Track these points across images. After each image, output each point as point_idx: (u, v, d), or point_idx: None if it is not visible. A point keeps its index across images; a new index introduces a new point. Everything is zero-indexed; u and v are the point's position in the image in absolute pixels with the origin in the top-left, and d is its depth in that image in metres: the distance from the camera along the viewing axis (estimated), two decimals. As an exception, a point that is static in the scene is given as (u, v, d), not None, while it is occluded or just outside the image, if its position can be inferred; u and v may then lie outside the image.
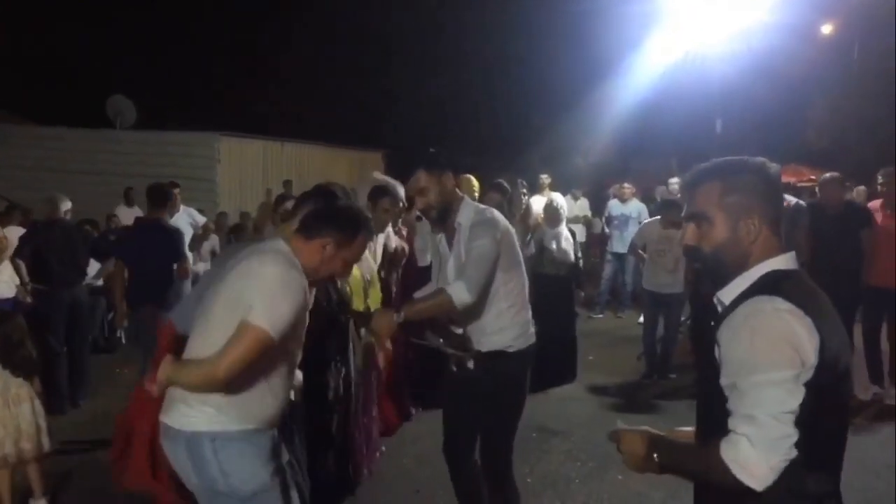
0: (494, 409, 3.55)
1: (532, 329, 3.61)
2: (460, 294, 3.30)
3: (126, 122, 16.32)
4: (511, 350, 3.50)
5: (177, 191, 8.91)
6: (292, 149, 16.94)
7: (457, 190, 3.61)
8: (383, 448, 5.46)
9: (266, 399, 2.68)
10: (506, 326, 3.50)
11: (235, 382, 2.57)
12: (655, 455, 1.98)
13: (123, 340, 9.04)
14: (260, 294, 2.55)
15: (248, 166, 15.37)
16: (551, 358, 3.73)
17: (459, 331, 3.54)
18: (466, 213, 3.51)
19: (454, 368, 3.62)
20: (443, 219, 3.55)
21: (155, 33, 24.08)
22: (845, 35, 22.24)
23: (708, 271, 2.00)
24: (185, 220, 8.89)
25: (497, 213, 3.57)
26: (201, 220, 9.23)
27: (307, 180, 13.66)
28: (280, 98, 24.24)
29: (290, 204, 6.95)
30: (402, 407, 6.14)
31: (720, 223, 1.93)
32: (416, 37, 24.66)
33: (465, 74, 24.22)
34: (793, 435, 1.72)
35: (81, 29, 23.31)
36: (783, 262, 1.92)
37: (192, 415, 2.62)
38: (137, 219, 7.68)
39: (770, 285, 1.85)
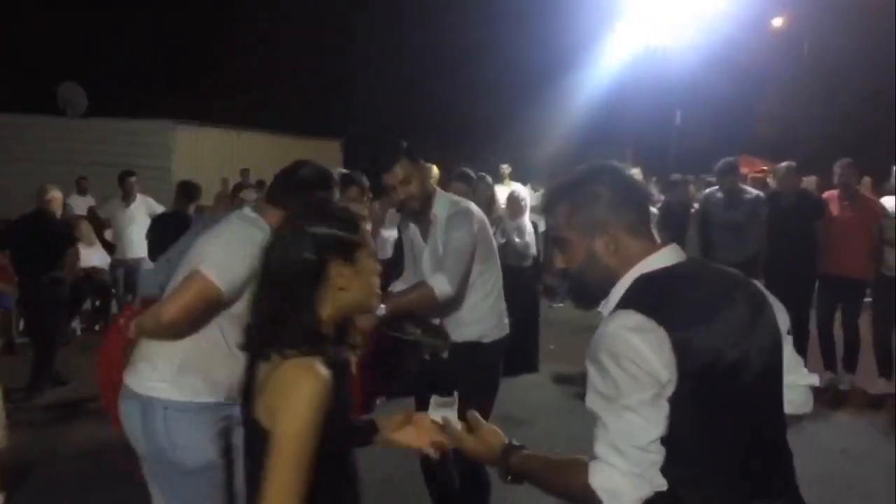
0: (468, 399, 3.54)
1: (506, 320, 3.64)
2: (442, 286, 3.29)
3: (77, 110, 15.95)
4: (486, 340, 3.52)
5: (133, 179, 8.77)
6: (248, 138, 16.76)
7: (429, 181, 3.60)
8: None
9: (227, 363, 2.62)
10: (482, 317, 3.51)
11: (192, 337, 2.56)
12: (511, 457, 1.93)
13: (78, 332, 8.88)
14: (213, 246, 2.57)
15: (203, 155, 15.14)
16: (514, 348, 3.73)
17: (436, 321, 3.53)
18: (442, 204, 3.50)
19: (427, 358, 3.61)
20: (424, 210, 3.52)
21: (106, 18, 23.54)
22: (795, 29, 22.67)
23: (578, 292, 1.92)
24: (143, 209, 8.76)
25: (472, 205, 3.57)
26: (159, 209, 9.07)
27: (264, 170, 13.51)
28: (236, 86, 23.90)
29: (248, 192, 6.91)
30: (366, 396, 6.10)
31: (576, 243, 1.83)
32: (376, 24, 24.53)
33: (425, 63, 24.16)
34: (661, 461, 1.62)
35: (30, 14, 22.71)
36: (653, 262, 1.78)
37: (151, 378, 2.60)
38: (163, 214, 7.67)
39: (629, 296, 1.74)
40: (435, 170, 6.08)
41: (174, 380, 2.59)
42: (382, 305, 3.30)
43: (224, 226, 2.68)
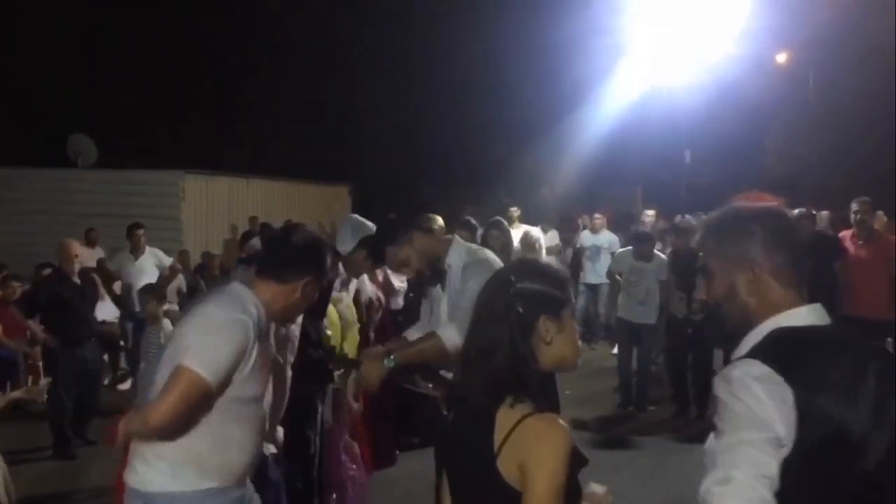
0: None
1: None
2: (452, 337, 3.18)
3: (87, 161, 16.03)
4: None
5: (140, 231, 8.76)
6: (258, 185, 16.76)
7: (438, 237, 3.53)
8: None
9: (229, 452, 2.53)
10: None
11: (187, 433, 2.43)
12: None
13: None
14: (195, 336, 2.44)
15: (213, 204, 15.14)
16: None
17: (450, 375, 3.42)
18: (457, 253, 3.41)
19: (445, 412, 3.49)
20: (437, 273, 3.45)
21: (115, 71, 23.83)
22: (799, 64, 22.73)
23: (719, 327, 1.94)
24: (151, 261, 8.72)
25: (490, 253, 3.48)
26: (167, 260, 9.04)
27: (273, 216, 13.51)
28: (244, 134, 24.06)
29: (256, 241, 6.86)
30: (387, 450, 5.99)
31: (720, 275, 1.82)
32: (381, 68, 24.72)
33: (431, 105, 24.28)
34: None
35: (40, 68, 23.00)
36: (795, 317, 1.73)
37: (149, 473, 2.48)
38: None
39: (761, 347, 1.70)
40: (439, 221, 5.89)
41: (172, 473, 2.47)
42: (388, 357, 3.22)
43: (204, 308, 2.55)
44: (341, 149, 24.45)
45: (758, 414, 1.58)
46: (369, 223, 4.46)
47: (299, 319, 3.42)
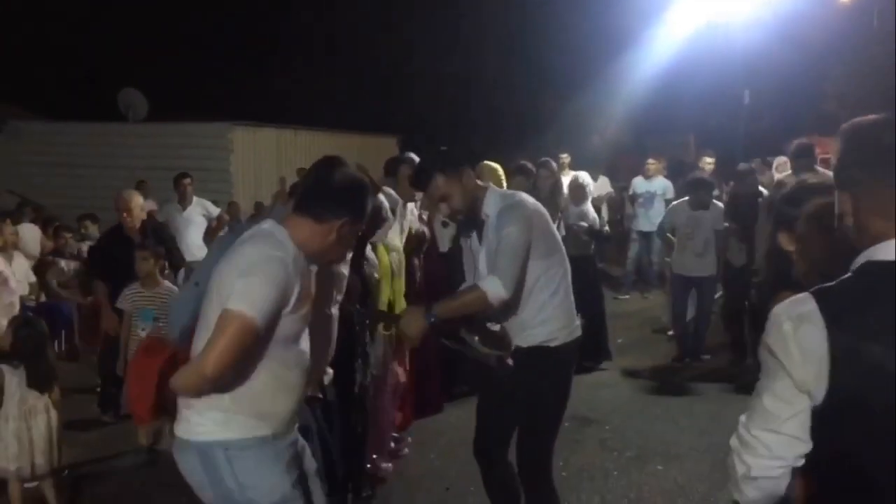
0: (536, 409, 3.30)
1: (577, 321, 3.34)
2: (495, 289, 3.04)
3: (138, 114, 16.14)
4: (555, 344, 3.22)
5: (187, 181, 8.76)
6: (306, 136, 16.72)
7: (479, 182, 3.37)
8: (409, 443, 5.28)
9: (278, 396, 2.48)
10: (549, 318, 3.22)
11: (238, 379, 2.38)
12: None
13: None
14: (237, 278, 2.35)
15: (261, 155, 15.16)
16: (583, 344, 3.45)
17: (496, 327, 3.30)
18: (493, 201, 3.25)
19: (493, 366, 3.38)
20: (473, 219, 3.30)
21: (163, 24, 23.91)
22: (864, 2, 21.73)
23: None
24: (199, 211, 8.73)
25: (525, 196, 3.31)
26: (215, 211, 9.05)
27: (322, 167, 13.44)
28: (292, 85, 24.01)
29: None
30: (434, 399, 5.94)
31: (838, 195, 1.65)
32: (429, 16, 24.35)
33: (479, 54, 23.92)
34: (782, 461, 1.52)
35: (90, 23, 23.19)
36: (886, 250, 1.52)
37: (202, 423, 2.43)
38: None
39: (835, 282, 1.55)
40: (499, 169, 5.69)
41: (225, 421, 2.42)
42: (429, 311, 3.10)
43: (240, 250, 2.45)
44: (389, 100, 24.29)
45: (780, 359, 1.54)
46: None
47: (348, 257, 3.31)
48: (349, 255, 3.36)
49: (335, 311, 3.23)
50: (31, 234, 8.58)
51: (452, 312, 3.15)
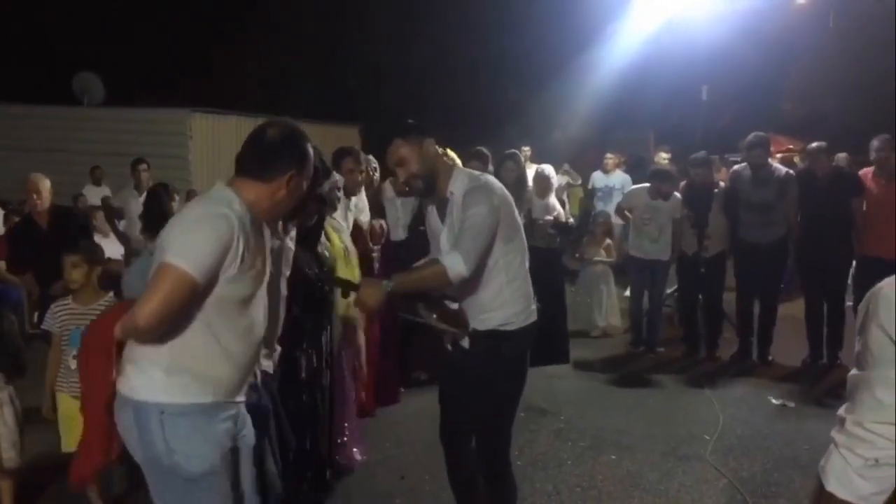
0: (492, 392, 3.32)
1: (534, 306, 3.36)
2: (455, 266, 3.04)
3: (94, 99, 15.86)
4: (511, 328, 3.25)
5: (143, 167, 8.65)
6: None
7: (445, 158, 3.37)
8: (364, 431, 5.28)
9: (221, 362, 2.45)
10: (506, 302, 3.24)
11: (179, 338, 2.37)
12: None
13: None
14: (175, 234, 2.35)
15: (221, 142, 14.97)
16: (542, 336, 3.48)
17: (454, 306, 3.31)
18: (460, 180, 3.24)
19: (449, 347, 3.40)
20: (430, 188, 3.29)
21: (122, 6, 23.44)
22: (820, 3, 22.09)
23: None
24: (155, 198, 8.59)
25: (493, 179, 3.31)
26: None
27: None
28: (253, 72, 23.74)
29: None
30: (391, 388, 5.94)
31: None
32: (392, 5, 24.23)
33: (442, 45, 23.85)
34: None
35: (46, 4, 22.65)
36: None
37: (142, 380, 2.42)
38: None
39: None
40: (456, 158, 5.72)
41: (165, 382, 2.40)
42: (387, 281, 3.09)
43: (185, 208, 2.50)
44: (351, 89, 24.14)
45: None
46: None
47: (293, 233, 3.32)
48: (294, 230, 3.36)
49: (283, 287, 3.20)
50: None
51: (411, 285, 3.16)
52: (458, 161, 5.36)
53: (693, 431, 5.38)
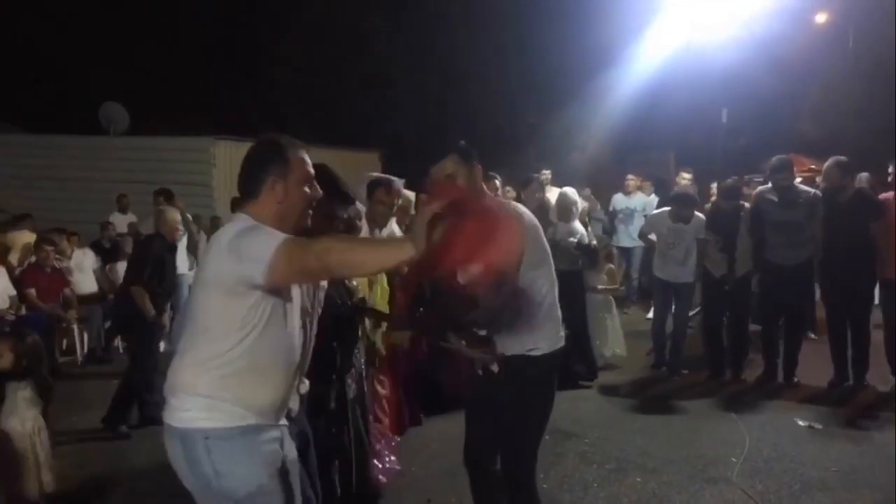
0: (520, 416, 3.36)
1: (562, 332, 3.39)
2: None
3: (119, 128, 16.12)
4: (537, 353, 3.27)
5: (161, 199, 8.87)
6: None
7: (483, 186, 3.41)
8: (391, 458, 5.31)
9: (263, 384, 2.50)
10: (534, 328, 3.27)
11: (224, 363, 2.42)
12: None
13: (120, 349, 8.88)
14: (246, 248, 2.35)
15: (244, 170, 15.19)
16: (568, 358, 3.51)
17: (483, 332, 3.35)
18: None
19: (479, 373, 3.44)
20: None
21: (145, 40, 23.87)
22: (839, 24, 22.08)
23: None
24: (181, 225, 8.75)
25: (521, 206, 3.37)
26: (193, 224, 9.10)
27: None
28: (275, 100, 24.04)
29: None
30: (413, 411, 5.98)
31: None
32: (410, 32, 24.48)
33: (460, 68, 24.02)
34: None
35: (73, 36, 23.10)
36: None
37: (185, 408, 2.46)
38: None
39: None
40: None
41: (209, 407, 2.45)
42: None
43: (219, 233, 2.52)
44: (371, 115, 24.34)
45: None
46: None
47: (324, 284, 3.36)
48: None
49: (315, 323, 3.25)
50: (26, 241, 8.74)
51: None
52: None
53: (719, 454, 5.37)
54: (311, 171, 2.68)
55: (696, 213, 7.37)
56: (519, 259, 3.13)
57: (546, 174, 10.77)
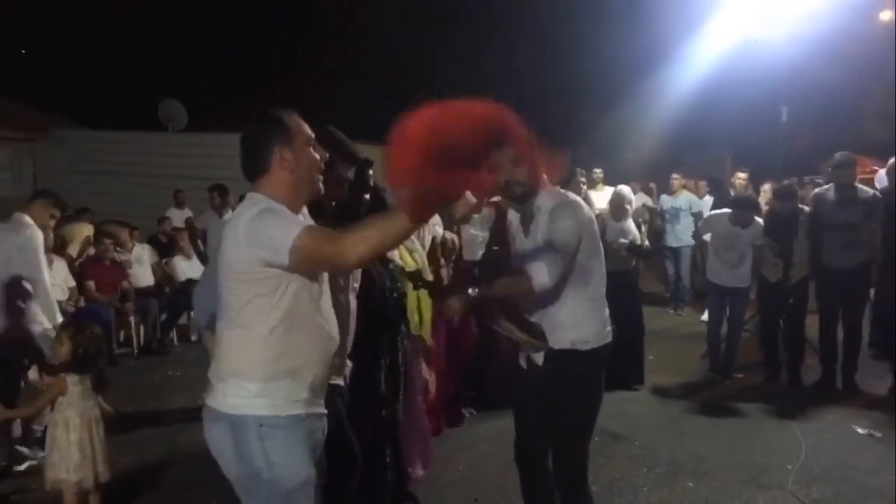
0: (568, 412, 3.31)
1: (609, 328, 3.34)
2: (540, 275, 3.05)
3: (178, 125, 16.44)
4: (585, 348, 3.23)
5: (216, 193, 9.05)
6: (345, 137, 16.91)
7: (544, 176, 3.38)
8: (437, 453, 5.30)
9: (303, 370, 2.46)
10: (582, 321, 3.24)
11: (276, 345, 2.40)
12: None
13: (175, 342, 9.06)
14: (259, 233, 2.34)
15: (297, 165, 15.36)
16: (618, 359, 3.45)
17: (533, 320, 3.29)
18: (549, 196, 3.26)
19: (523, 365, 3.39)
20: (525, 197, 3.27)
21: (203, 37, 24.30)
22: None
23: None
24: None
25: (581, 200, 3.32)
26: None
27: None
28: (325, 97, 24.27)
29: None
30: (455, 410, 5.97)
31: None
32: (459, 31, 24.47)
33: (512, 66, 23.92)
34: None
35: (133, 34, 23.64)
36: None
37: (237, 394, 2.42)
38: None
39: None
40: None
41: (261, 394, 2.41)
42: (473, 289, 3.15)
43: (234, 218, 2.50)
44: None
45: None
46: None
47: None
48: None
49: (353, 299, 3.22)
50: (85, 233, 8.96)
51: (496, 291, 3.20)
52: None
53: (774, 460, 5.24)
54: (311, 132, 2.64)
55: (756, 217, 7.18)
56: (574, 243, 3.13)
57: (598, 172, 10.66)
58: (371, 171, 3.78)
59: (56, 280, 7.15)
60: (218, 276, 2.52)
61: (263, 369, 2.42)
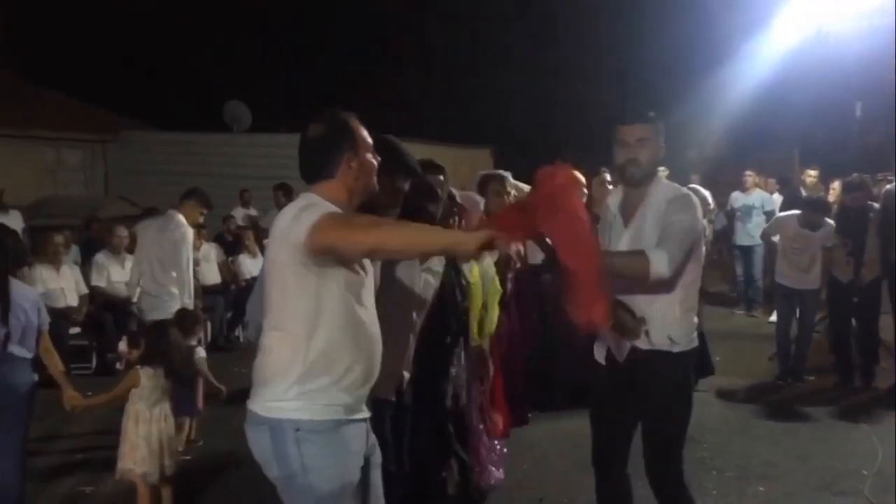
0: (664, 419, 3.22)
1: (695, 333, 3.22)
2: (659, 263, 2.90)
3: (242, 126, 16.75)
4: (674, 350, 3.11)
5: (280, 193, 9.14)
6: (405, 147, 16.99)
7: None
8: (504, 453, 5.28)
9: (347, 373, 2.42)
10: (673, 323, 3.11)
11: (314, 345, 2.37)
12: None
13: (241, 339, 9.19)
14: (299, 220, 2.35)
15: (357, 165, 15.49)
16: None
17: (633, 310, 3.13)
18: (665, 186, 3.19)
19: (600, 360, 3.29)
20: (642, 181, 3.16)
21: (268, 40, 24.73)
22: None
23: None
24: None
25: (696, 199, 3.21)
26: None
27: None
28: (387, 98, 24.45)
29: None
30: (519, 410, 5.92)
31: None
32: (523, 27, 24.41)
33: (573, 64, 23.72)
34: None
35: (201, 38, 24.15)
36: None
37: (276, 398, 2.41)
38: None
39: None
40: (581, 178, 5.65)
41: (300, 397, 2.39)
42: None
43: (282, 214, 2.49)
44: (482, 111, 24.39)
45: None
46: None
47: (436, 267, 3.33)
48: (437, 265, 3.34)
49: (416, 317, 3.20)
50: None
51: (612, 263, 2.93)
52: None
53: (849, 465, 5.08)
54: (370, 139, 2.63)
55: (827, 219, 6.95)
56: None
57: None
58: (442, 178, 3.74)
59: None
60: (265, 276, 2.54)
61: (302, 373, 2.39)
